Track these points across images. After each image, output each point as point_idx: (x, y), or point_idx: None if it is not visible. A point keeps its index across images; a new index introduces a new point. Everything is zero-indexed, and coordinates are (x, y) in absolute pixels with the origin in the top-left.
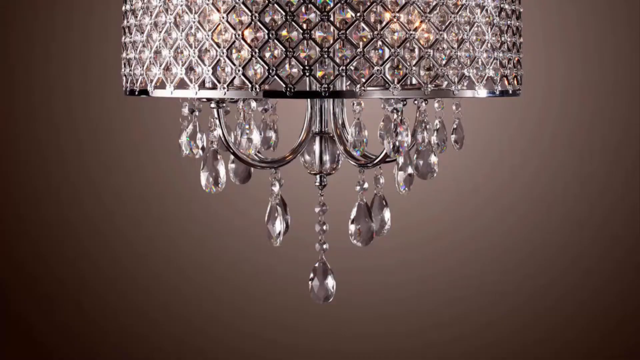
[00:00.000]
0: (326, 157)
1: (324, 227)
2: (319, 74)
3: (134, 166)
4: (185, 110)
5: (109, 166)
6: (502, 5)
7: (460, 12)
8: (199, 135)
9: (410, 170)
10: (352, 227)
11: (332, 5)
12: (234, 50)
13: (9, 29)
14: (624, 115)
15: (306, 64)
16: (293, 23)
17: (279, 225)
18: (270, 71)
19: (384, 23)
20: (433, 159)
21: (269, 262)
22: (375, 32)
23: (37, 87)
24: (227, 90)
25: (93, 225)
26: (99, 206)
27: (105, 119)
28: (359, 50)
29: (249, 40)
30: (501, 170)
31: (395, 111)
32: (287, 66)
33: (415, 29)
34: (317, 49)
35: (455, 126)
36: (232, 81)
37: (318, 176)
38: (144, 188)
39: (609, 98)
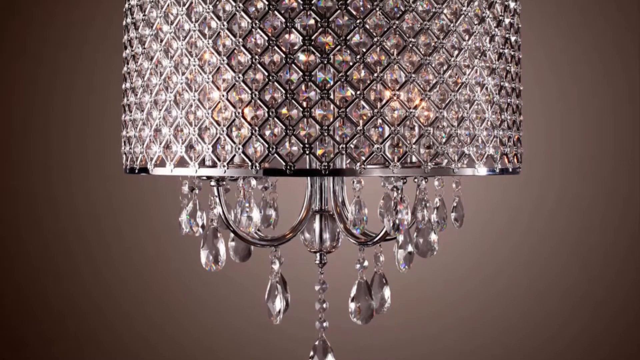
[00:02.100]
0: (326, 235)
1: (324, 305)
2: (319, 152)
3: (133, 244)
4: (185, 189)
5: (108, 244)
6: (502, 84)
7: (460, 90)
8: (199, 214)
9: (410, 248)
10: (352, 305)
11: (332, 83)
12: (234, 128)
13: (9, 108)
14: (623, 194)
15: (306, 142)
16: (293, 101)
17: (279, 303)
18: (270, 149)
19: (384, 101)
20: (433, 237)
21: (269, 339)
22: (375, 110)
23: (37, 165)
24: (227, 169)
25: (93, 302)
26: (99, 283)
27: (105, 197)
28: (359, 128)
29: (249, 118)
30: (501, 248)
31: (395, 189)
32: (287, 144)
33: (415, 107)
34: (317, 127)
35: (455, 204)
36: (232, 159)
37: (318, 254)
38: (144, 266)
39: (609, 176)
